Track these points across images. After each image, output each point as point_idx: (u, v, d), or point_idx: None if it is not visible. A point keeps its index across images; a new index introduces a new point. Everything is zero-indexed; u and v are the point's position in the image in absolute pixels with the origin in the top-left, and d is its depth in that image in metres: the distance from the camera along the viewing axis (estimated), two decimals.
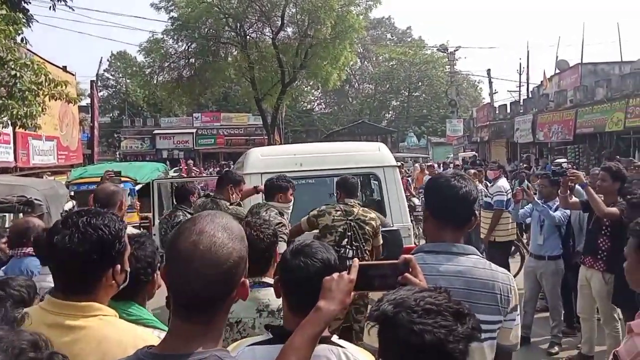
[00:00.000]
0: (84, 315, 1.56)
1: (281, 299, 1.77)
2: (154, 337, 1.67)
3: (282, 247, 4.02)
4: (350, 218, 4.29)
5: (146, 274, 2.04)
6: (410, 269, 1.55)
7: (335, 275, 1.53)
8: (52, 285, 1.69)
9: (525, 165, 19.80)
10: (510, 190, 7.06)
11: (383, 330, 1.17)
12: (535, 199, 5.61)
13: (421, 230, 8.61)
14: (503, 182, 7.31)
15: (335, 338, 1.71)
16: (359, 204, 4.52)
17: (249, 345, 1.67)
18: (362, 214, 4.34)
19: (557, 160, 8.73)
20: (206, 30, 27.11)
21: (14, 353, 0.77)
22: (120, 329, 1.62)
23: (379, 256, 4.31)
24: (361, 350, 1.72)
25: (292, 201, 4.40)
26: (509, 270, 2.13)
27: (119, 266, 1.63)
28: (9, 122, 7.10)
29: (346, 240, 4.22)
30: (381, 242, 4.39)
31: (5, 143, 13.05)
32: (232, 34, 27.77)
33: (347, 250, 4.20)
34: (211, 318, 1.22)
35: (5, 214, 4.27)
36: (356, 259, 1.59)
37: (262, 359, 1.58)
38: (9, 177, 5.93)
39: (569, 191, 4.98)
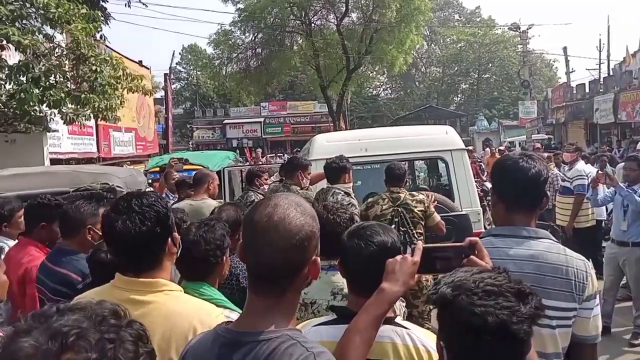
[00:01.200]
0: (151, 291, 1.69)
1: None
2: (217, 310, 1.78)
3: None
4: (397, 204, 4.33)
5: (215, 255, 2.13)
6: (476, 252, 1.52)
7: (399, 257, 1.54)
8: None
9: (607, 148, 18.64)
10: (591, 174, 6.67)
11: (443, 313, 1.16)
12: (619, 183, 5.29)
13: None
14: (582, 165, 6.94)
15: (399, 319, 1.73)
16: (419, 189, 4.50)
17: (314, 326, 1.72)
18: (409, 198, 4.37)
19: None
20: (272, 20, 27.45)
21: (97, 320, 0.84)
22: (185, 302, 1.74)
23: (439, 235, 4.26)
24: (427, 332, 1.72)
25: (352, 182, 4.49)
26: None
27: (175, 233, 1.81)
28: (92, 115, 7.56)
29: (393, 226, 4.20)
30: (437, 220, 4.32)
31: (89, 135, 13.94)
32: (297, 22, 27.95)
33: None
34: (283, 292, 1.25)
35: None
36: (420, 242, 1.59)
37: (328, 338, 1.60)
38: (93, 166, 6.35)
39: None
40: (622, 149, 17.54)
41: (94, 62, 6.90)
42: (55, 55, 7.06)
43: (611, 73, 27.83)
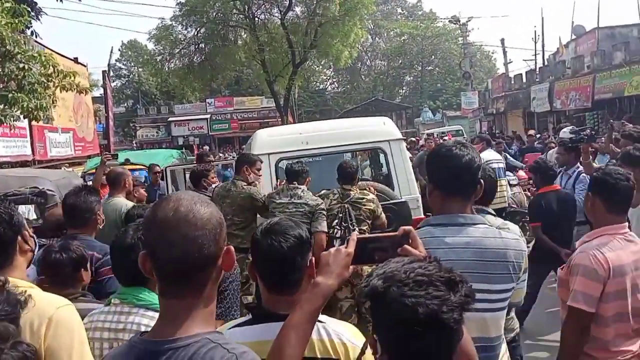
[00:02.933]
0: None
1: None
2: (62, 301, 1.77)
3: (324, 225, 4.24)
4: (345, 201, 4.46)
5: None
6: (410, 240, 1.52)
7: (332, 249, 1.51)
8: None
9: (548, 135, 19.43)
10: (491, 161, 6.89)
11: (375, 306, 1.15)
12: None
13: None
14: (486, 154, 7.24)
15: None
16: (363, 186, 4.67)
17: (229, 328, 1.68)
18: (359, 196, 4.51)
19: (563, 127, 8.56)
20: (214, 14, 26.97)
21: None
22: (36, 298, 1.69)
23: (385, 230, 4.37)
24: (344, 324, 1.72)
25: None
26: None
27: (25, 231, 1.85)
28: (21, 116, 7.19)
29: (336, 221, 4.41)
30: (384, 220, 4.51)
31: (22, 137, 13.27)
32: (241, 16, 27.59)
33: (336, 230, 4.42)
34: (201, 289, 1.19)
35: (19, 206, 4.35)
36: (355, 232, 1.59)
37: (244, 339, 1.54)
38: (20, 170, 6.05)
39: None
40: (557, 136, 18.35)
41: (20, 59, 6.55)
42: None
43: (546, 63, 29.06)
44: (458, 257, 1.76)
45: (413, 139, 15.45)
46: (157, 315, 1.80)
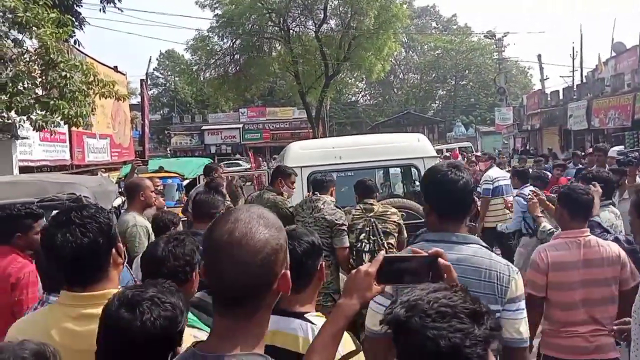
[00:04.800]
0: (102, 303, 1.62)
1: None
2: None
3: (345, 241, 4.19)
4: (370, 215, 4.42)
5: (184, 272, 2.04)
6: (440, 263, 1.49)
7: (354, 270, 1.50)
8: None
9: (582, 154, 18.93)
10: (498, 178, 7.17)
11: (397, 335, 1.11)
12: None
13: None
14: (492, 171, 7.50)
15: (310, 314, 1.81)
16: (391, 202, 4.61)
17: None
18: (382, 210, 4.47)
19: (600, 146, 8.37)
20: (250, 26, 27.43)
21: None
22: None
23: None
24: None
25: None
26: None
27: (119, 244, 1.80)
28: (61, 122, 7.39)
29: (363, 235, 4.36)
30: (406, 237, 4.46)
31: (62, 142, 13.64)
32: (276, 28, 27.98)
33: (364, 244, 4.36)
34: (252, 312, 1.18)
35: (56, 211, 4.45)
36: (382, 251, 1.55)
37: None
38: (58, 175, 6.17)
39: None
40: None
41: (63, 67, 6.73)
42: (24, 60, 6.89)
43: (584, 80, 28.41)
44: None
45: (447, 154, 15.28)
46: (186, 330, 1.81)
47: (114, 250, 1.76)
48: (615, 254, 2.98)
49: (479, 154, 21.25)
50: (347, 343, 1.65)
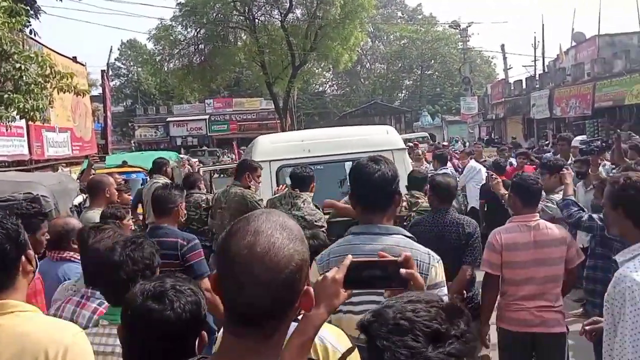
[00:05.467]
0: (3, 313, 1.58)
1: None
2: (75, 328, 1.68)
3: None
4: (413, 210, 4.42)
5: (144, 276, 1.95)
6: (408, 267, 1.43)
7: (320, 277, 1.41)
8: None
9: (547, 142, 19.39)
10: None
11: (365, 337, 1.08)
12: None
13: None
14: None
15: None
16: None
17: None
18: (427, 204, 4.29)
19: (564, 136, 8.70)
20: (214, 15, 26.91)
21: None
22: (36, 322, 1.63)
23: None
24: (329, 326, 1.71)
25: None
26: None
27: (30, 251, 1.71)
28: (17, 117, 7.06)
29: None
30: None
31: (19, 136, 13.12)
32: (241, 18, 27.54)
33: None
34: (271, 334, 1.07)
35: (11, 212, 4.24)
36: (350, 256, 1.46)
37: None
38: (14, 174, 5.91)
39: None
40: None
41: (17, 59, 6.43)
42: None
43: (546, 70, 29.06)
44: None
45: (411, 144, 15.33)
46: None
47: (23, 257, 1.68)
48: (561, 235, 3.31)
49: (445, 143, 21.52)
50: (344, 340, 1.64)
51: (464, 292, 3.57)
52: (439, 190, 3.75)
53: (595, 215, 3.58)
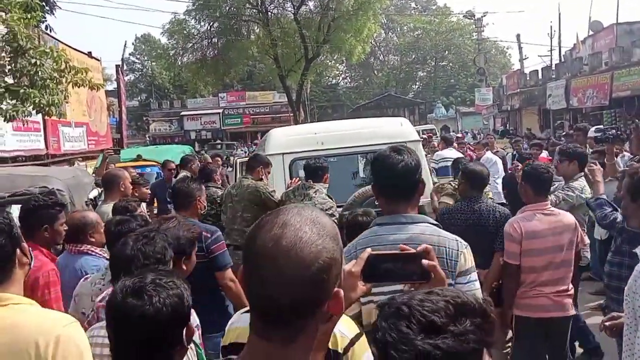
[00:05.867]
0: (2, 305, 1.60)
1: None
2: (67, 319, 1.68)
3: None
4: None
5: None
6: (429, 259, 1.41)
7: None
8: None
9: (563, 133, 19.14)
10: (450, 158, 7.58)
11: None
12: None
13: None
14: (446, 152, 8.28)
15: None
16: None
17: (242, 312, 1.69)
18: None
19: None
20: (227, 8, 26.89)
21: None
22: (28, 314, 1.64)
23: None
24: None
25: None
26: None
27: (24, 244, 1.74)
28: (33, 111, 7.14)
29: None
30: None
31: (36, 131, 13.30)
32: (254, 11, 27.48)
33: None
34: (295, 336, 1.01)
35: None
36: (369, 249, 1.44)
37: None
38: (30, 168, 5.98)
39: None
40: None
41: (33, 54, 6.48)
42: None
43: (562, 60, 28.63)
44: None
45: (425, 136, 15.25)
46: None
47: (18, 250, 1.71)
48: (573, 221, 3.45)
49: (459, 135, 21.36)
50: (352, 327, 1.62)
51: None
52: (473, 178, 3.80)
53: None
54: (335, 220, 4.21)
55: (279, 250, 0.97)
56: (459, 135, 21.56)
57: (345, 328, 1.57)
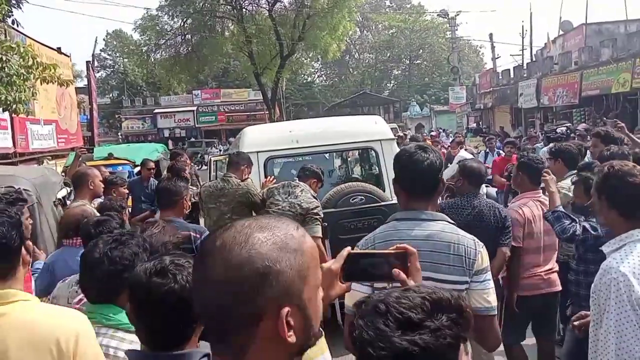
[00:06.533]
0: (2, 303, 1.59)
1: None
2: (82, 316, 1.70)
3: (317, 230, 4.09)
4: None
5: (121, 278, 1.88)
6: (410, 259, 1.41)
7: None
8: None
9: (533, 130, 19.51)
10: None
11: None
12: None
13: None
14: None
15: None
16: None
17: None
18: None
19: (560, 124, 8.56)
20: (201, 4, 26.60)
21: None
22: (45, 312, 1.67)
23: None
24: None
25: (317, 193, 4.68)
26: None
27: (29, 242, 1.79)
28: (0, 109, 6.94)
29: None
30: None
31: (3, 129, 12.91)
32: (228, 7, 27.25)
33: None
34: (238, 353, 0.91)
35: None
36: (348, 247, 1.42)
37: None
38: None
39: None
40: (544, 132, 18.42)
41: None
42: None
43: (534, 59, 29.12)
44: (418, 247, 1.87)
45: (400, 134, 15.36)
46: (127, 335, 1.79)
47: (23, 248, 1.71)
48: None
49: (433, 133, 21.55)
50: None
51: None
52: (472, 174, 3.93)
53: (586, 224, 3.47)
54: (320, 219, 4.20)
55: (210, 250, 0.91)
56: (433, 133, 21.77)
57: None
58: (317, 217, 4.21)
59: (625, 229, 2.08)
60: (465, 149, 9.81)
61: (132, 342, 1.75)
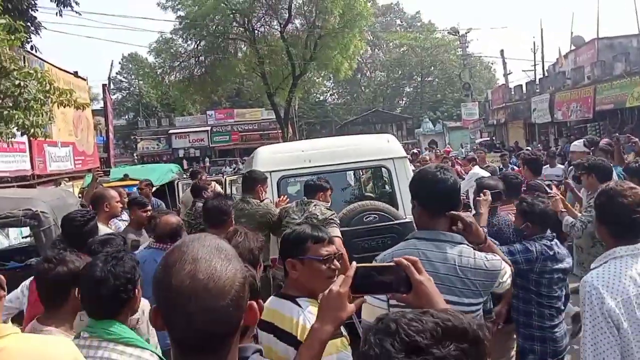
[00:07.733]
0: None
1: None
2: (66, 340, 1.76)
3: (336, 231, 4.04)
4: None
5: (126, 290, 2.02)
6: (414, 271, 1.41)
7: (326, 291, 1.41)
8: None
9: (541, 147, 19.39)
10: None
11: None
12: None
13: None
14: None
15: (302, 299, 1.97)
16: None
17: None
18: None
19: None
20: (214, 27, 27.04)
21: None
22: (37, 341, 1.70)
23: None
24: (315, 309, 1.72)
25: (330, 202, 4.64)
26: None
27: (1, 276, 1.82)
28: (18, 133, 7.07)
29: None
30: None
31: (21, 151, 13.15)
32: (241, 29, 27.67)
33: None
34: (223, 355, 1.08)
35: (10, 228, 4.26)
36: (354, 263, 1.43)
37: (269, 305, 2.04)
38: (14, 191, 5.91)
39: None
40: (559, 146, 18.27)
41: (17, 76, 6.44)
42: None
43: (546, 74, 29.04)
44: (434, 270, 1.97)
45: (415, 151, 15.34)
46: (127, 349, 1.85)
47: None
48: None
49: (448, 148, 21.50)
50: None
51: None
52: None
53: (518, 246, 3.39)
54: (337, 226, 4.16)
55: (198, 285, 1.01)
56: (448, 148, 21.70)
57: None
58: (334, 221, 4.20)
59: (613, 245, 2.16)
60: (487, 166, 9.70)
61: (132, 355, 1.80)
